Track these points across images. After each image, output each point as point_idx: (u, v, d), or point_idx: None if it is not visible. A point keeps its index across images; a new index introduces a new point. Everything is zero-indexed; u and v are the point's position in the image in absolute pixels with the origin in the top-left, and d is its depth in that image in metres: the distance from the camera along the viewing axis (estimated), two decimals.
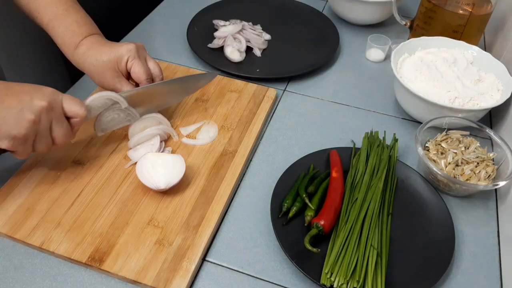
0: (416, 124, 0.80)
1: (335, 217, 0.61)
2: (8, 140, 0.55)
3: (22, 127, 0.55)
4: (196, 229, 0.61)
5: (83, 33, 0.71)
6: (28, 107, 0.55)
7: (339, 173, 0.66)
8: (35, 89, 0.57)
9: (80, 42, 0.70)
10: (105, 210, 0.63)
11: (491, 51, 0.95)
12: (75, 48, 0.70)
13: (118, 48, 0.69)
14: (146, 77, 0.70)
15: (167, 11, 1.06)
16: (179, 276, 0.56)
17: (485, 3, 0.86)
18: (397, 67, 0.80)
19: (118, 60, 0.69)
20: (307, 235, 0.58)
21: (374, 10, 0.98)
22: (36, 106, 0.55)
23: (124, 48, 0.69)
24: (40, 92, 0.57)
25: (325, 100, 0.85)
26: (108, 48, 0.70)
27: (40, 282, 0.56)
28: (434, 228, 0.62)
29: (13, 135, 0.55)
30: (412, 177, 0.68)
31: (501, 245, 0.63)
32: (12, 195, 0.63)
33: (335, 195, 0.63)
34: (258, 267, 0.59)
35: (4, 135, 0.54)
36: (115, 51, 0.69)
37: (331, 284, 0.54)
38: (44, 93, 0.57)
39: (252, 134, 0.75)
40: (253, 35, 0.94)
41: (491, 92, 0.77)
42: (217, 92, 0.82)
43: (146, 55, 0.73)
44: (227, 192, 0.66)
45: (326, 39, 0.97)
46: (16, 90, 0.56)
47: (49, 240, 0.59)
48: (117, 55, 0.69)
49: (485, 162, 0.68)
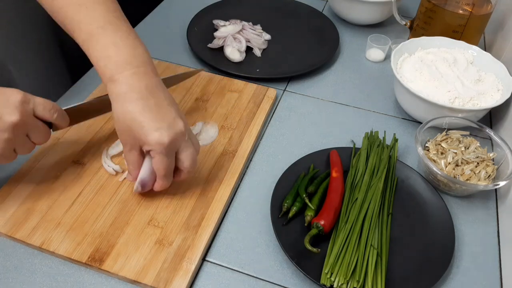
0: (416, 124, 0.80)
1: (335, 217, 0.61)
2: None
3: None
4: (196, 229, 0.61)
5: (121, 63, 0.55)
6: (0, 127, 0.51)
7: (339, 173, 0.66)
8: (3, 102, 0.51)
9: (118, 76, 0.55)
10: (105, 210, 0.63)
11: (491, 51, 0.95)
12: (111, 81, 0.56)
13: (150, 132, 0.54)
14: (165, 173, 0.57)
15: (167, 11, 1.06)
16: (179, 276, 0.56)
17: (485, 3, 0.86)
18: (397, 67, 0.80)
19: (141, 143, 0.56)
20: (307, 235, 0.58)
21: (374, 10, 0.98)
22: (7, 124, 0.51)
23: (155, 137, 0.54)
24: (8, 105, 0.51)
25: (325, 100, 0.85)
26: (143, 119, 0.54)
27: (40, 282, 0.56)
28: (434, 228, 0.62)
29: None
30: (412, 177, 0.68)
31: (501, 245, 0.63)
32: (12, 195, 0.63)
33: (335, 195, 0.63)
34: (258, 267, 0.59)
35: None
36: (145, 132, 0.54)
37: (331, 284, 0.54)
38: (14, 104, 0.51)
39: (252, 134, 0.75)
40: (253, 35, 0.94)
41: (491, 92, 0.77)
42: (217, 92, 0.82)
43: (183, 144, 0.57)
44: (227, 192, 0.66)
45: (326, 39, 0.97)
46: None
47: (49, 240, 0.59)
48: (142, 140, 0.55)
49: (485, 162, 0.68)
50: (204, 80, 0.85)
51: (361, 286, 0.54)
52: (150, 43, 0.75)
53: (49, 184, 0.65)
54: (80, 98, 0.79)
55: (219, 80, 0.85)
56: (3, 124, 0.51)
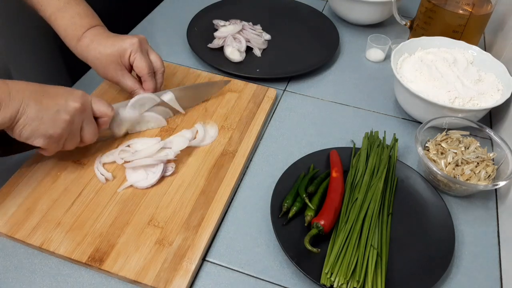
0: (416, 124, 0.80)
1: (335, 217, 0.61)
2: (44, 138, 0.58)
3: (59, 127, 0.59)
4: (196, 229, 0.61)
5: (86, 25, 0.71)
6: (63, 108, 0.59)
7: (339, 173, 0.66)
8: (69, 92, 0.61)
9: (83, 34, 0.71)
10: (105, 210, 0.63)
11: (491, 51, 0.95)
12: (78, 40, 0.71)
13: (121, 42, 0.70)
14: (148, 71, 0.71)
15: (167, 11, 1.06)
16: (179, 276, 0.56)
17: (485, 3, 0.86)
18: (397, 67, 0.80)
19: (121, 53, 0.70)
20: (307, 235, 0.58)
21: (374, 10, 0.98)
22: (71, 108, 0.59)
23: (127, 42, 0.70)
24: (73, 94, 0.61)
25: (325, 100, 0.85)
26: (111, 42, 0.71)
27: (40, 282, 0.56)
28: (434, 228, 0.62)
29: (49, 134, 0.58)
30: (412, 177, 0.68)
31: (501, 245, 0.63)
32: (12, 195, 0.63)
33: (335, 195, 0.63)
34: (258, 267, 0.59)
35: (41, 134, 0.58)
36: (118, 44, 0.70)
37: (331, 284, 0.54)
38: (77, 95, 0.61)
39: (252, 134, 0.75)
40: (253, 35, 0.94)
41: (491, 92, 0.77)
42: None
43: (148, 48, 0.74)
44: (227, 192, 0.66)
45: (326, 39, 0.97)
46: (51, 92, 0.59)
47: (49, 240, 0.59)
48: (120, 49, 0.70)
49: (485, 162, 0.68)
50: (204, 80, 0.85)
51: (361, 286, 0.54)
52: (150, 43, 0.75)
53: (49, 184, 0.65)
54: None
55: (219, 80, 0.85)
56: (68, 107, 0.59)
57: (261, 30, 0.98)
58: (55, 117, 0.58)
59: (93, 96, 0.65)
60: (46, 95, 0.58)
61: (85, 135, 0.64)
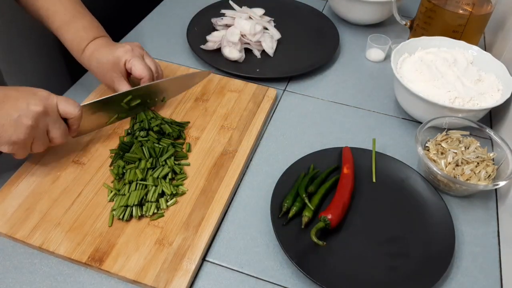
0: (416, 124, 0.80)
1: (343, 213, 0.62)
2: (8, 145, 0.58)
3: (21, 132, 0.57)
4: (196, 229, 0.61)
5: (90, 37, 0.74)
6: (25, 113, 0.57)
7: (351, 169, 0.67)
8: (31, 94, 0.59)
9: (86, 46, 0.74)
10: (105, 210, 0.63)
11: (491, 51, 0.95)
12: (82, 52, 0.74)
13: (115, 50, 0.73)
14: (148, 73, 0.73)
15: (167, 11, 1.06)
16: (179, 276, 0.56)
17: (485, 3, 0.86)
18: (397, 67, 0.80)
19: (115, 61, 0.72)
20: (314, 228, 0.58)
21: (374, 10, 0.98)
22: (33, 112, 0.57)
23: (120, 50, 0.72)
24: (35, 97, 0.59)
25: (325, 100, 0.85)
26: (107, 51, 0.73)
27: (40, 282, 0.56)
28: (434, 228, 0.62)
29: (12, 141, 0.57)
30: (412, 177, 0.68)
31: (501, 245, 0.63)
32: (12, 195, 0.63)
33: (345, 191, 0.64)
34: (258, 267, 0.59)
35: (4, 141, 0.57)
36: (112, 53, 0.72)
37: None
38: (40, 97, 0.59)
39: (252, 134, 0.75)
40: (267, 37, 0.93)
41: (491, 92, 0.77)
42: (217, 92, 0.82)
43: (144, 54, 0.75)
44: (227, 192, 0.66)
45: (326, 39, 0.97)
46: (12, 96, 0.58)
47: (49, 240, 0.59)
48: (114, 57, 0.72)
49: (485, 162, 0.68)
50: (204, 80, 0.85)
51: None
52: (150, 43, 0.75)
53: (49, 184, 0.65)
54: (80, 98, 0.79)
55: (219, 80, 0.85)
56: (29, 111, 0.57)
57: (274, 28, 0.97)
58: (16, 123, 0.57)
59: (61, 96, 0.62)
60: (6, 99, 0.57)
61: (53, 137, 0.62)
